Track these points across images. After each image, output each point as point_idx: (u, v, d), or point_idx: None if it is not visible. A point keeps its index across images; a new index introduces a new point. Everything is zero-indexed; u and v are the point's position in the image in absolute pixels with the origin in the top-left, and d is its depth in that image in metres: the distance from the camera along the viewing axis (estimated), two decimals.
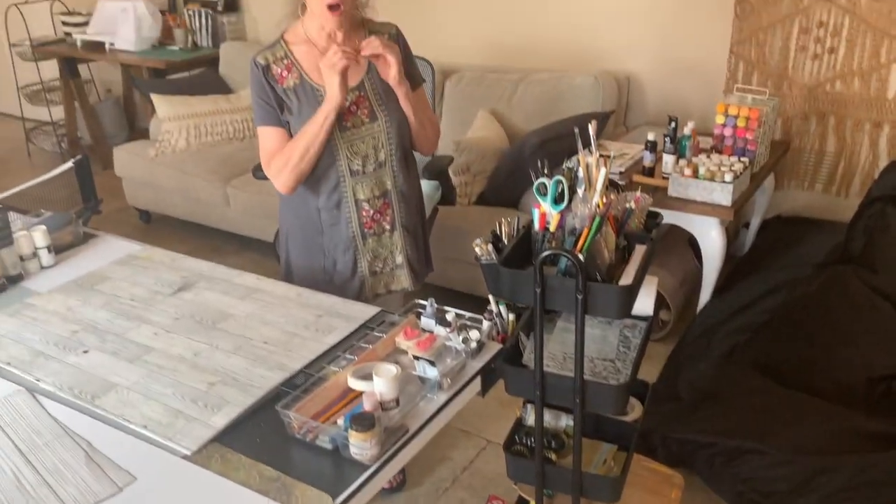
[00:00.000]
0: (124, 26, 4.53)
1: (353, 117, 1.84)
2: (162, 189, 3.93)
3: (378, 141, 1.86)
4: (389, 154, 1.88)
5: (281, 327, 1.59)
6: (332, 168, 1.85)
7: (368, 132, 1.85)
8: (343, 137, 1.83)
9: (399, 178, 1.92)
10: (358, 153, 1.85)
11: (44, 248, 1.92)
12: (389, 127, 1.86)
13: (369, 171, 1.87)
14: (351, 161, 1.85)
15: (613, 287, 1.53)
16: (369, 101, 1.85)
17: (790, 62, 3.10)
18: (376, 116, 1.85)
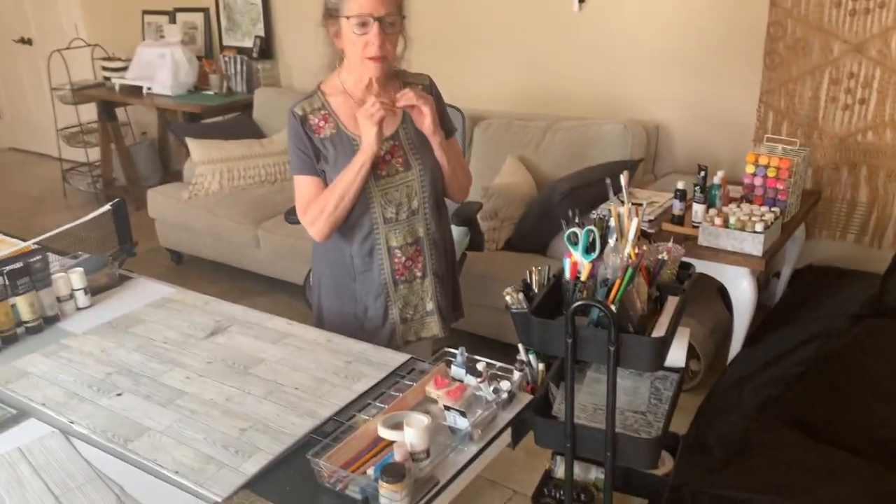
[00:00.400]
0: (162, 71, 4.65)
1: (388, 166, 1.87)
2: (194, 231, 3.99)
3: (412, 189, 1.89)
4: (422, 202, 1.91)
5: (311, 373, 1.59)
6: (365, 215, 1.87)
7: (402, 180, 1.88)
8: (378, 186, 1.85)
9: (431, 226, 1.94)
10: (392, 201, 1.88)
11: (80, 289, 1.95)
12: (423, 176, 1.89)
13: (402, 218, 1.90)
14: (385, 209, 1.87)
15: (646, 339, 1.52)
16: (404, 151, 1.88)
17: (821, 112, 3.10)
18: (410, 165, 1.88)
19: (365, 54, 1.77)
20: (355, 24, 1.74)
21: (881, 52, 2.92)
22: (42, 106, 6.24)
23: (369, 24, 1.75)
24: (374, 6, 1.74)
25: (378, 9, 1.74)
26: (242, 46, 4.82)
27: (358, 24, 1.74)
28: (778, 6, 3.07)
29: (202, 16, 4.99)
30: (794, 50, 3.09)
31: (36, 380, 1.63)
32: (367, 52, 1.77)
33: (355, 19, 1.74)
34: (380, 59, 1.78)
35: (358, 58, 1.79)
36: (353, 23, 1.74)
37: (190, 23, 5.05)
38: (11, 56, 6.42)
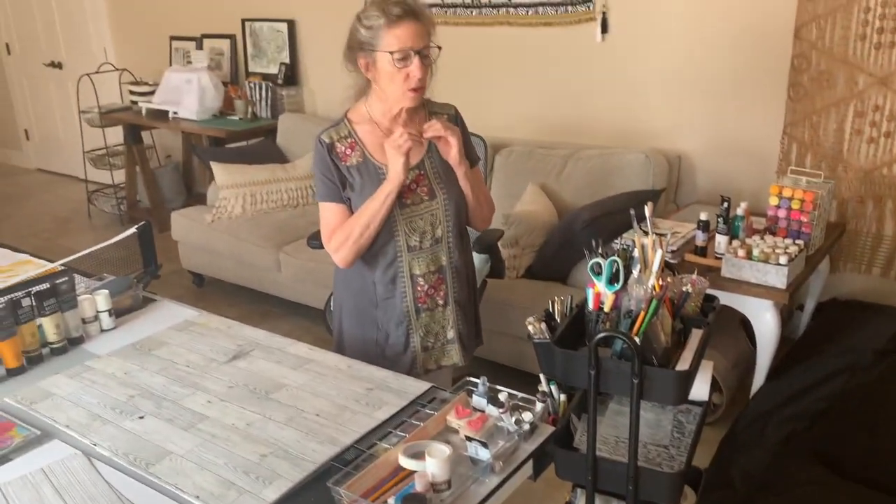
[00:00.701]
0: (188, 96, 4.73)
1: (413, 195, 1.88)
2: (216, 253, 4.02)
3: (436, 218, 1.90)
4: (446, 231, 1.92)
5: (332, 399, 1.59)
6: (390, 243, 1.88)
7: (427, 209, 1.89)
8: (402, 214, 1.87)
9: (454, 254, 1.95)
10: (416, 229, 1.89)
11: (105, 311, 1.97)
12: (447, 205, 1.90)
13: (426, 246, 1.90)
14: (409, 237, 1.88)
15: (670, 372, 1.51)
16: (429, 180, 1.90)
17: (845, 145, 3.09)
18: (435, 194, 1.89)
19: (406, 87, 1.79)
20: (398, 58, 1.76)
21: None
22: (70, 128, 6.36)
23: (410, 58, 1.77)
24: (415, 39, 1.77)
25: (418, 42, 1.77)
26: (267, 73, 4.89)
27: (399, 58, 1.76)
28: (802, 39, 3.07)
29: (229, 42, 5.07)
30: (819, 82, 3.08)
31: (60, 401, 1.64)
32: (409, 84, 1.79)
33: (398, 53, 1.76)
34: (420, 91, 1.81)
35: (398, 90, 1.80)
36: (395, 57, 1.76)
37: (217, 49, 5.14)
38: (42, 79, 6.55)
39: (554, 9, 3.64)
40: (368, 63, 1.83)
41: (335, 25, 4.45)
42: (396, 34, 1.76)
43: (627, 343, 1.50)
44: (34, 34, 6.44)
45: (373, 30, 1.78)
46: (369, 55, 1.81)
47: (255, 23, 4.87)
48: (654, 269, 1.68)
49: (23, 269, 2.36)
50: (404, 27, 1.76)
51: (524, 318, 1.85)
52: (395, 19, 1.75)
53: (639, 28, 3.46)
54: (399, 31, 1.76)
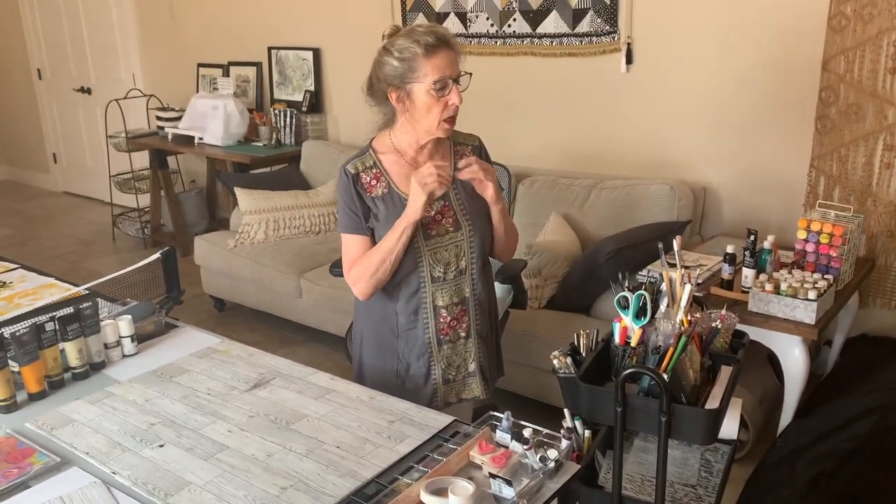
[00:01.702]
0: (214, 122, 4.78)
1: (438, 226, 1.87)
2: (238, 278, 4.03)
3: (460, 249, 1.89)
4: (470, 262, 1.90)
5: (353, 431, 1.57)
6: (413, 274, 1.87)
7: (452, 241, 1.88)
8: (427, 245, 1.85)
9: (478, 286, 1.93)
10: (440, 261, 1.88)
11: (128, 337, 1.97)
12: (472, 236, 1.89)
13: (450, 278, 1.89)
14: (433, 268, 1.87)
15: (699, 410, 1.48)
16: (454, 211, 1.89)
17: (874, 178, 3.04)
18: (460, 226, 1.88)
19: (444, 116, 1.79)
20: (438, 87, 1.76)
21: None
22: (96, 152, 6.46)
23: (448, 86, 1.77)
24: (452, 67, 1.78)
25: (454, 69, 1.78)
26: (292, 100, 4.93)
27: (439, 87, 1.76)
28: (830, 71, 3.05)
29: (255, 70, 5.13)
30: (847, 115, 3.05)
31: (80, 427, 1.63)
32: (448, 112, 1.79)
33: (439, 83, 1.75)
34: (454, 119, 1.81)
35: (434, 121, 1.79)
36: (437, 86, 1.76)
37: (243, 76, 5.20)
38: (71, 104, 6.67)
39: (578, 39, 3.65)
40: (401, 95, 1.82)
41: (360, 54, 4.53)
42: (435, 63, 1.76)
43: (656, 380, 1.47)
44: (65, 59, 6.57)
45: (408, 61, 1.77)
46: (403, 88, 1.80)
47: (281, 51, 4.93)
48: (682, 304, 1.65)
49: (47, 292, 2.37)
50: (441, 56, 1.76)
51: (546, 350, 1.83)
52: (431, 49, 1.75)
53: (664, 59, 3.45)
54: (437, 61, 1.76)
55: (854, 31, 2.96)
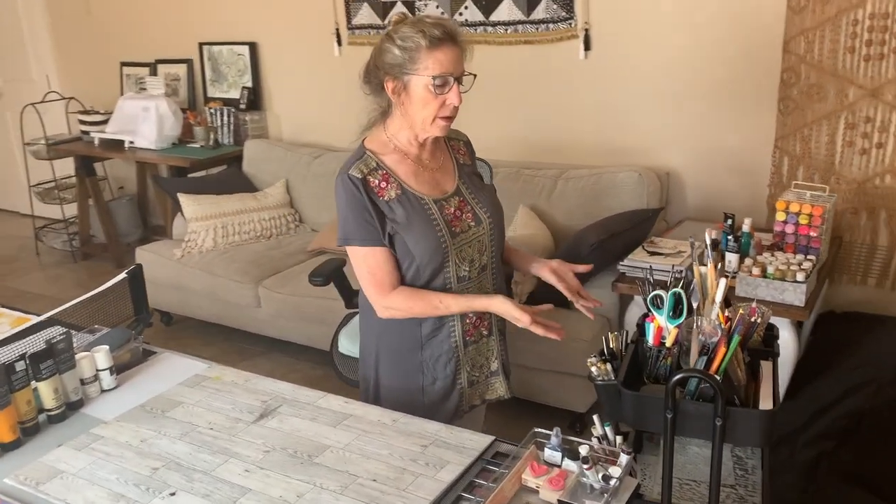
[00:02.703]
0: (145, 125, 4.50)
1: (461, 222, 1.76)
2: (187, 290, 3.80)
3: (482, 244, 1.79)
4: (491, 257, 1.81)
5: (386, 461, 1.44)
6: (439, 276, 1.74)
7: (475, 236, 1.78)
8: (454, 243, 1.74)
9: (498, 280, 1.85)
10: (465, 258, 1.77)
11: (106, 369, 1.78)
12: (493, 229, 1.79)
13: (474, 276, 1.79)
14: (459, 267, 1.76)
15: (756, 412, 1.41)
16: (471, 205, 1.78)
17: (837, 157, 3.09)
18: (480, 219, 1.78)
19: (441, 114, 1.67)
20: (438, 83, 1.64)
21: None
22: (10, 161, 6.01)
23: (449, 84, 1.65)
24: (455, 65, 1.66)
25: (458, 67, 1.66)
26: (228, 98, 4.69)
27: (438, 84, 1.64)
28: (791, 52, 3.06)
29: (185, 67, 4.85)
30: (809, 95, 3.08)
31: (72, 479, 1.44)
32: (444, 111, 1.67)
33: (439, 79, 1.64)
34: (452, 120, 1.69)
35: (429, 118, 1.68)
36: (435, 82, 1.64)
37: (172, 74, 4.91)
38: None
39: (534, 27, 3.57)
40: (398, 87, 1.69)
41: (301, 47, 4.35)
42: (437, 58, 1.63)
43: (710, 382, 1.40)
44: None
45: (409, 51, 1.64)
46: (400, 79, 1.68)
47: (213, 46, 4.67)
48: (717, 300, 1.59)
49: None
50: (445, 51, 1.64)
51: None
52: (436, 42, 1.63)
53: (623, 44, 3.41)
54: (440, 55, 1.64)
55: (813, 11, 2.99)
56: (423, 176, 1.76)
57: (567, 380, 2.83)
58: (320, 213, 4.09)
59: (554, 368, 2.79)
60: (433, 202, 1.74)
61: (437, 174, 1.78)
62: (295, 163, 4.22)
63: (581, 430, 2.94)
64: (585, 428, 2.96)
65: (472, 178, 1.84)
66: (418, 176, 1.75)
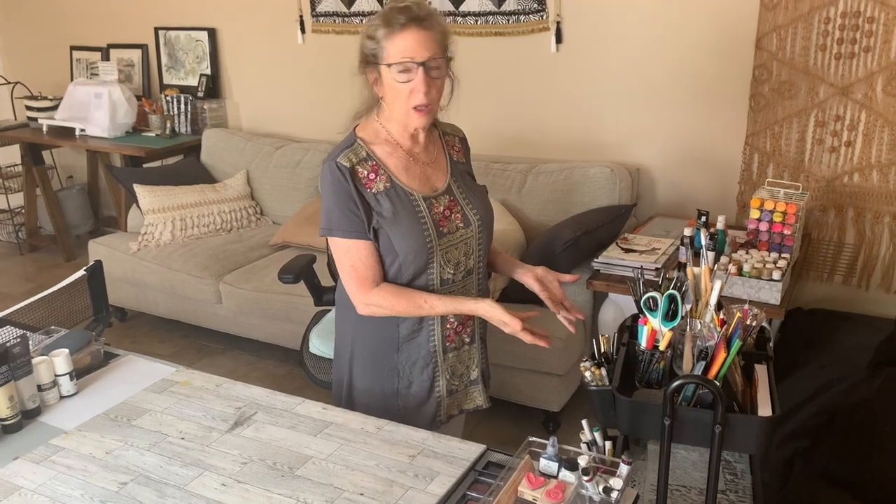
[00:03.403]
0: (98, 112, 4.30)
1: (449, 222, 1.68)
2: (143, 285, 3.65)
3: (469, 247, 1.71)
4: (478, 260, 1.74)
5: (373, 472, 1.37)
6: (422, 276, 1.67)
7: (462, 237, 1.70)
8: (440, 245, 1.66)
9: (483, 286, 1.77)
10: (451, 261, 1.69)
11: (65, 374, 1.66)
12: (481, 231, 1.72)
13: (458, 279, 1.71)
14: (444, 270, 1.68)
15: (756, 419, 1.38)
16: (461, 206, 1.71)
17: (807, 155, 3.10)
18: (469, 221, 1.71)
19: (410, 104, 1.59)
20: (397, 70, 1.56)
21: (867, 95, 2.93)
22: None
23: (413, 71, 1.57)
24: (417, 49, 1.56)
25: (422, 52, 1.56)
26: (186, 85, 4.52)
27: (400, 71, 1.56)
28: (763, 49, 3.06)
29: (140, 52, 4.67)
30: (780, 92, 3.08)
31: (31, 496, 1.34)
32: (413, 100, 1.58)
33: (397, 66, 1.56)
34: (426, 109, 1.60)
35: (402, 108, 1.60)
36: (396, 70, 1.56)
37: (126, 59, 4.72)
38: None
39: (505, 18, 3.51)
40: (376, 78, 1.63)
41: (261, 34, 4.21)
42: (398, 44, 1.56)
43: (709, 389, 1.36)
44: None
45: (376, 40, 1.59)
46: (375, 69, 1.61)
47: (170, 32, 4.50)
48: (711, 303, 1.55)
49: None
50: (406, 36, 1.56)
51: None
52: (398, 28, 1.56)
53: (595, 38, 3.37)
54: (400, 41, 1.56)
55: (786, 8, 2.98)
56: (414, 170, 1.68)
57: (541, 378, 2.79)
58: (282, 206, 3.97)
59: (528, 367, 2.74)
60: (422, 199, 1.66)
61: (428, 169, 1.70)
62: (256, 153, 4.09)
63: (554, 429, 2.90)
64: (559, 427, 2.93)
65: (464, 178, 1.76)
66: (409, 170, 1.67)
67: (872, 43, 2.88)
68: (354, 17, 3.82)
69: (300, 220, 3.63)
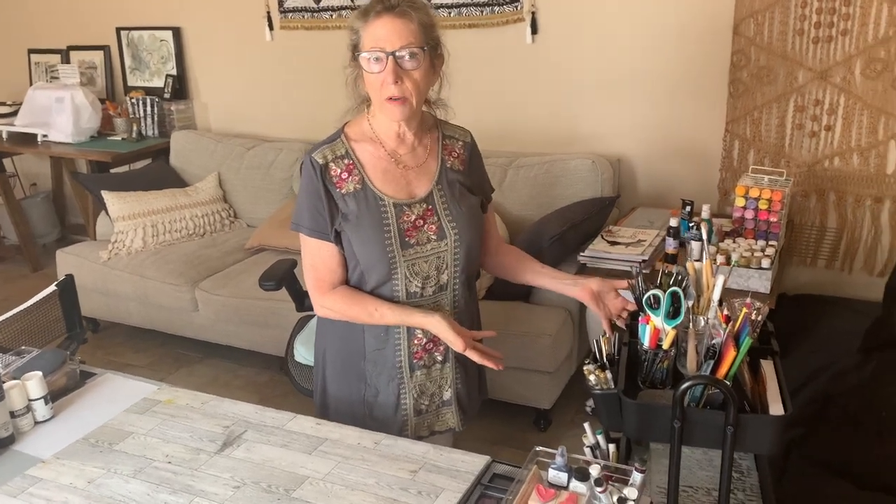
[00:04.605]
0: (61, 117, 4.16)
1: (419, 233, 1.60)
2: (116, 295, 3.53)
3: (442, 261, 1.62)
4: (453, 277, 1.64)
5: (374, 491, 1.30)
6: (385, 286, 1.59)
7: (434, 251, 1.61)
8: (405, 255, 1.58)
9: (460, 303, 1.68)
10: (418, 274, 1.61)
11: (40, 398, 1.57)
12: (458, 247, 1.63)
13: (428, 294, 1.62)
14: (409, 282, 1.60)
15: (769, 418, 1.34)
16: (438, 216, 1.62)
17: (787, 140, 3.08)
18: (445, 234, 1.62)
19: (382, 95, 1.52)
20: (368, 60, 1.50)
21: (845, 78, 2.92)
22: None
23: (383, 61, 1.50)
24: (389, 38, 1.49)
25: (393, 41, 1.49)
26: (151, 87, 4.39)
27: (371, 61, 1.50)
28: (741, 35, 3.03)
29: (101, 54, 4.52)
30: (759, 78, 3.06)
31: None
32: (384, 92, 1.52)
33: (367, 54, 1.50)
34: (399, 101, 1.53)
35: (377, 100, 1.54)
36: (367, 59, 1.50)
37: (87, 62, 4.57)
38: None
39: (479, 10, 3.45)
40: (359, 72, 1.56)
41: (228, 32, 4.09)
42: (370, 33, 1.51)
43: (721, 389, 1.31)
44: None
45: (355, 32, 1.54)
46: (355, 63, 1.55)
47: (133, 32, 4.36)
48: (714, 298, 1.51)
49: None
50: (379, 24, 1.50)
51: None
52: (372, 16, 1.50)
53: (571, 28, 3.32)
54: (372, 29, 1.50)
55: None
56: (393, 174, 1.61)
57: (531, 376, 2.74)
58: (256, 208, 3.87)
59: (518, 365, 2.69)
60: (392, 205, 1.59)
61: (410, 174, 1.62)
62: (227, 155, 3.98)
63: (545, 427, 2.86)
64: (550, 425, 2.88)
65: (453, 187, 1.66)
66: (387, 174, 1.60)
67: (850, 26, 2.86)
68: (324, 13, 3.73)
69: (276, 222, 3.54)
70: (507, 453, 1.40)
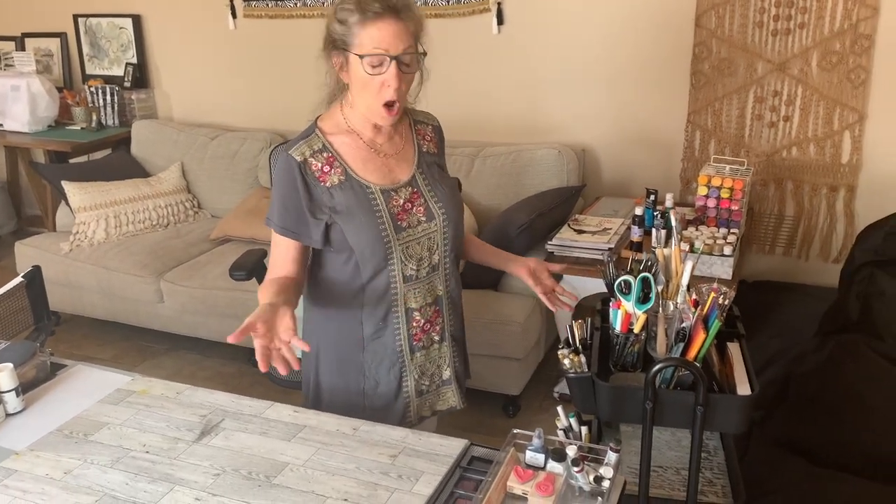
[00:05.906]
0: (16, 106, 4.07)
1: (409, 216, 1.61)
2: (78, 287, 3.48)
3: (433, 241, 1.65)
4: (443, 256, 1.67)
5: (354, 476, 1.32)
6: (382, 273, 1.60)
7: (424, 232, 1.63)
8: (399, 239, 1.59)
9: (451, 282, 1.71)
10: (413, 256, 1.62)
11: (11, 391, 1.55)
12: (446, 225, 1.65)
13: (422, 276, 1.65)
14: (405, 265, 1.62)
15: (738, 398, 1.39)
16: (424, 198, 1.64)
17: (747, 130, 3.16)
18: (433, 214, 1.64)
19: (380, 98, 1.52)
20: (369, 63, 1.49)
21: (802, 70, 3.01)
22: None
23: (385, 64, 1.50)
24: (392, 42, 1.48)
25: (396, 44, 1.49)
26: (111, 75, 4.31)
27: (372, 64, 1.49)
28: (702, 27, 3.10)
29: (58, 41, 4.42)
30: (720, 70, 3.13)
31: None
32: (383, 95, 1.52)
33: (369, 58, 1.49)
34: (395, 108, 1.54)
35: (370, 102, 1.54)
36: (367, 61, 1.49)
37: (43, 49, 4.47)
38: None
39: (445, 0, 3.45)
40: (342, 63, 1.55)
41: (190, 20, 4.04)
42: (371, 34, 1.48)
43: (690, 370, 1.36)
44: None
45: (346, 25, 1.50)
46: (342, 54, 1.53)
47: (90, 19, 4.27)
48: (683, 284, 1.55)
49: None
50: (380, 26, 1.48)
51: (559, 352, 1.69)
52: (371, 16, 1.47)
53: (536, 18, 3.35)
54: (373, 31, 1.48)
55: None
56: (375, 162, 1.61)
57: (500, 363, 2.77)
58: (220, 198, 3.84)
59: (487, 353, 2.72)
60: (380, 192, 1.60)
61: (391, 161, 1.64)
62: (190, 145, 3.93)
63: (514, 413, 2.90)
64: (519, 411, 2.93)
65: (432, 169, 1.69)
66: (368, 162, 1.60)
67: (807, 19, 2.95)
68: (288, 1, 3.70)
69: (241, 212, 3.52)
70: (478, 439, 1.43)
